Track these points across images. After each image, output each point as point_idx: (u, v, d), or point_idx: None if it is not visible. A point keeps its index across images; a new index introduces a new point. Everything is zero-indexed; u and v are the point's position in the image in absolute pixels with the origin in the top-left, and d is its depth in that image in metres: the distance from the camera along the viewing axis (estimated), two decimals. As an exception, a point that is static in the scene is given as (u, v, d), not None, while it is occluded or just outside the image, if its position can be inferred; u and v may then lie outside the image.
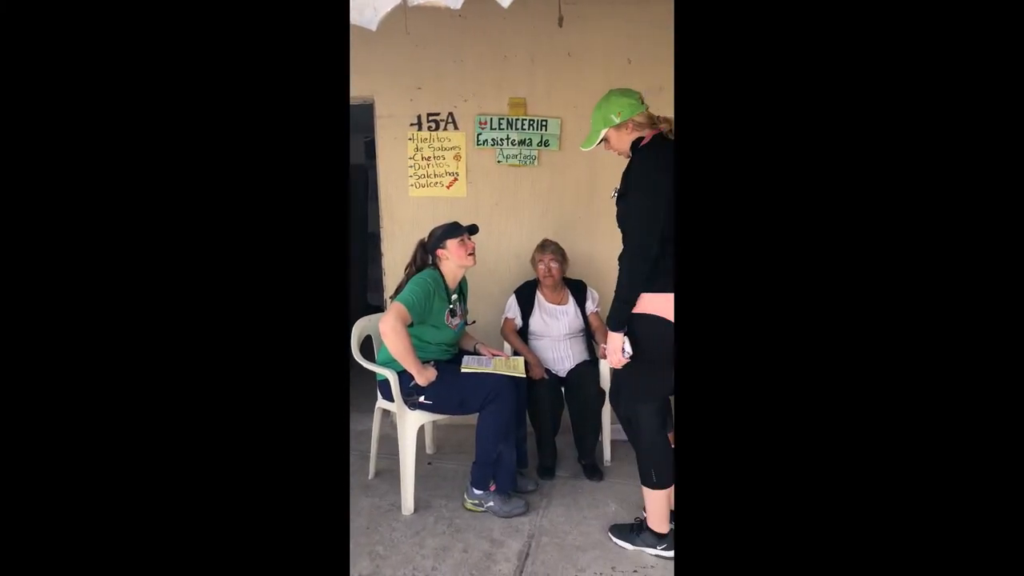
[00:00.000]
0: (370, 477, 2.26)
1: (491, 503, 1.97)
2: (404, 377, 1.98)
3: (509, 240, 2.76)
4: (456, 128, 2.72)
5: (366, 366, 2.08)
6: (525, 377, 2.09)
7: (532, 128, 2.70)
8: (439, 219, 2.19)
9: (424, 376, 1.92)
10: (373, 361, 2.12)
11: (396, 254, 2.73)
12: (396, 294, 2.01)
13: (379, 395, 2.16)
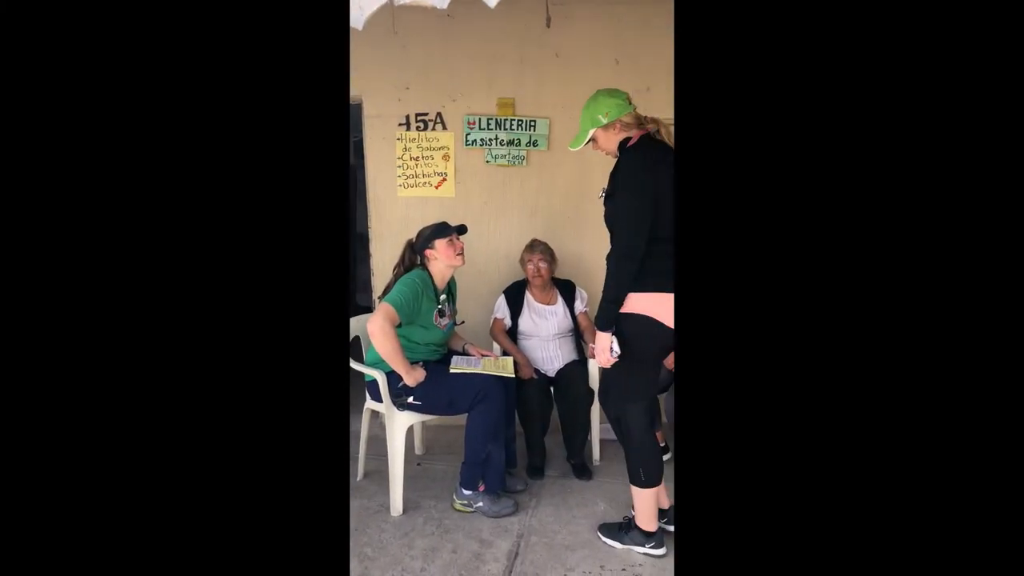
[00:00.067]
0: (359, 478, 2.25)
1: (480, 503, 1.97)
2: (392, 378, 1.97)
3: (498, 240, 2.76)
4: (444, 128, 2.71)
5: (354, 367, 2.07)
6: (514, 377, 2.09)
7: (521, 128, 2.70)
8: (428, 219, 2.19)
9: (413, 377, 1.92)
10: (361, 362, 2.11)
11: (384, 254, 2.72)
12: (384, 295, 2.00)
13: (367, 396, 2.15)
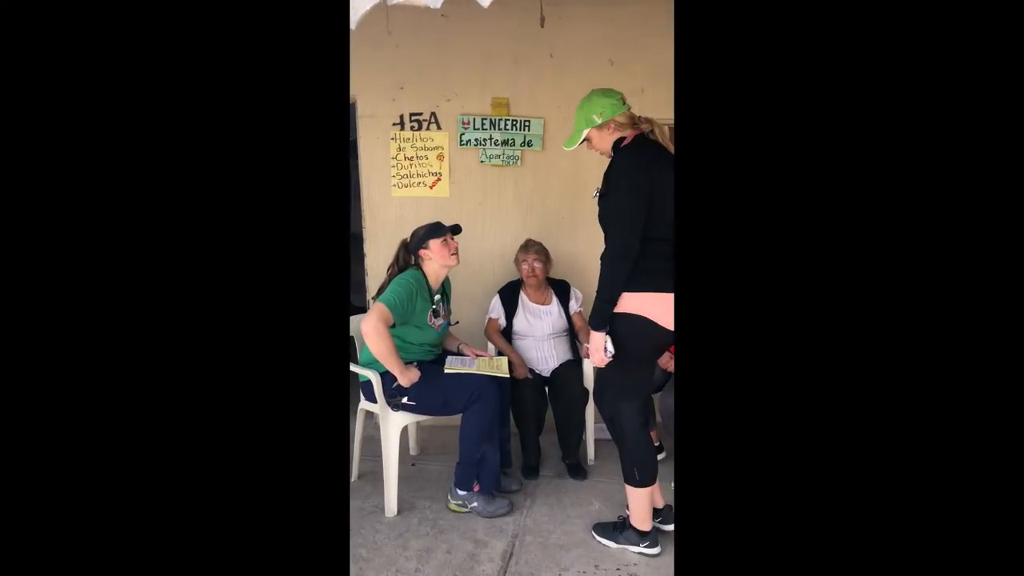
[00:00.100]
0: (353, 479, 2.24)
1: (475, 503, 1.97)
2: (387, 378, 1.97)
3: (492, 240, 2.76)
4: (439, 128, 2.71)
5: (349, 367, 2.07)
6: (509, 377, 2.09)
7: (515, 128, 2.70)
8: (422, 219, 2.18)
9: (407, 377, 1.91)
10: (355, 362, 2.10)
11: (378, 255, 2.72)
12: (378, 295, 2.00)
13: (361, 396, 2.15)
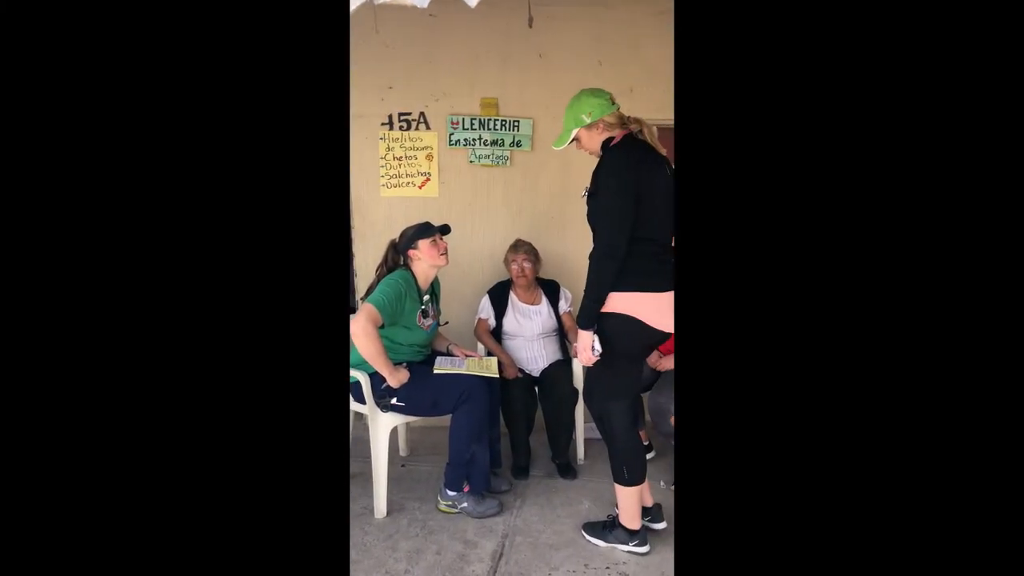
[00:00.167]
0: (342, 481, 2.23)
1: (465, 504, 1.97)
2: (376, 379, 1.96)
3: (482, 240, 2.75)
4: (428, 128, 2.71)
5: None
6: (498, 377, 2.09)
7: (504, 128, 2.70)
8: (411, 219, 2.17)
9: (396, 378, 1.90)
10: (344, 363, 2.09)
11: (367, 255, 2.70)
12: (367, 295, 1.99)
13: (350, 397, 2.13)
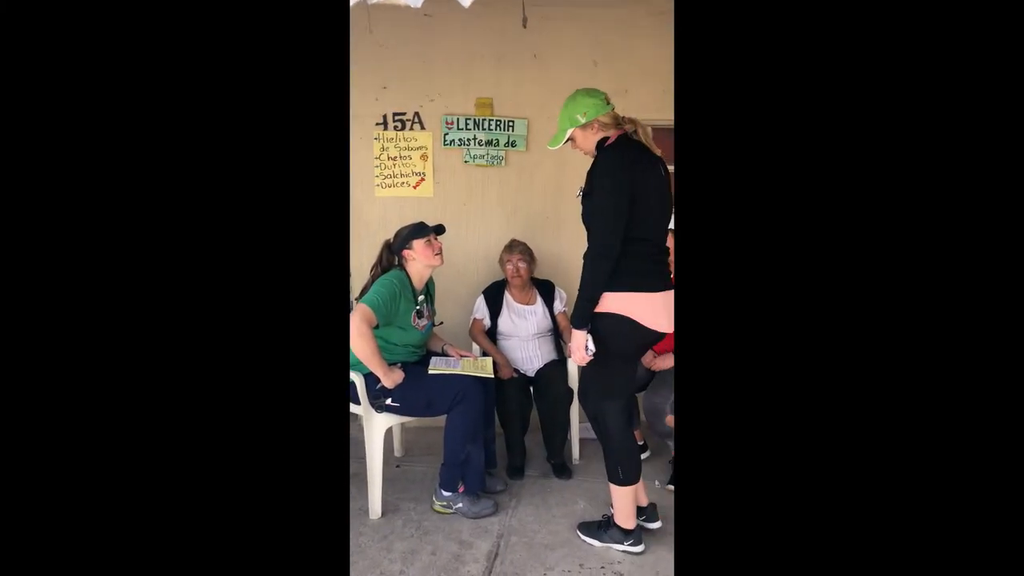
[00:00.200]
0: (337, 482, 2.22)
1: (460, 504, 1.97)
2: (370, 379, 1.95)
3: (477, 240, 2.75)
4: (423, 128, 2.70)
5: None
6: (493, 377, 2.09)
7: (499, 128, 2.70)
8: (406, 219, 2.17)
9: (391, 378, 1.90)
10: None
11: (362, 255, 2.68)
12: (361, 296, 1.98)
13: (345, 398, 2.13)
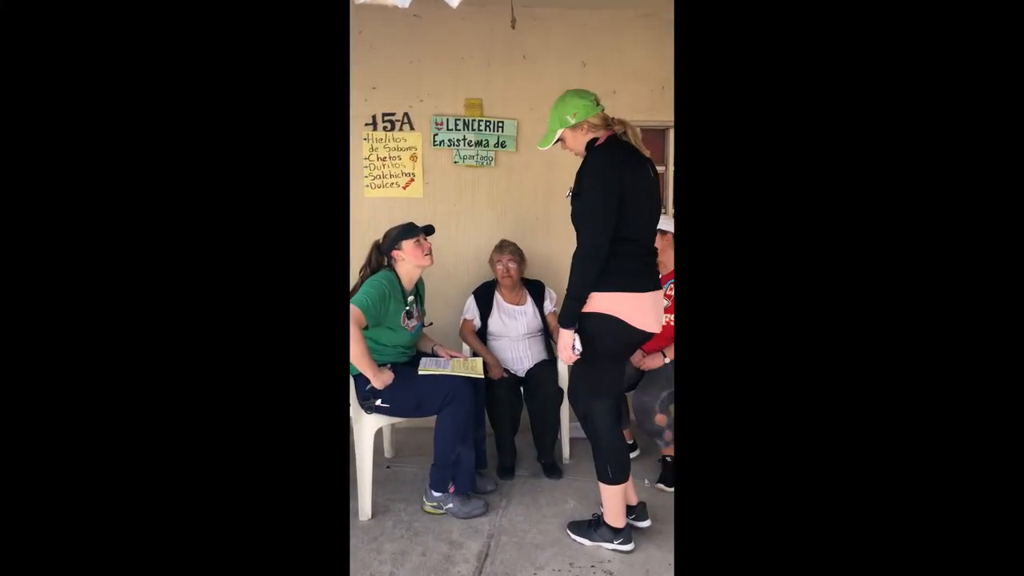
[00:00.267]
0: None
1: (450, 505, 1.97)
2: (360, 380, 1.95)
3: (467, 241, 2.75)
4: (412, 128, 2.70)
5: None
6: (483, 378, 2.09)
7: (489, 129, 2.70)
8: (395, 220, 2.17)
9: (380, 379, 1.90)
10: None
11: (351, 256, 2.69)
12: (351, 296, 1.98)
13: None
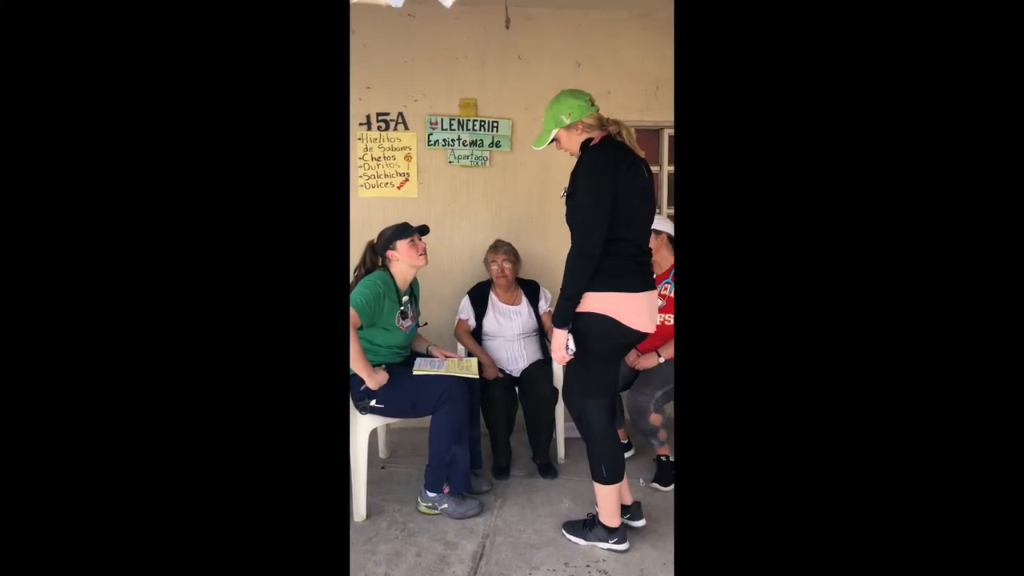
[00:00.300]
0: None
1: (445, 505, 1.96)
2: (355, 381, 1.94)
3: (462, 241, 2.75)
4: (407, 128, 2.69)
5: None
6: (478, 378, 2.09)
7: (483, 129, 2.70)
8: (390, 220, 2.16)
9: (375, 379, 1.89)
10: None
11: (346, 256, 2.69)
12: (345, 296, 1.98)
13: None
